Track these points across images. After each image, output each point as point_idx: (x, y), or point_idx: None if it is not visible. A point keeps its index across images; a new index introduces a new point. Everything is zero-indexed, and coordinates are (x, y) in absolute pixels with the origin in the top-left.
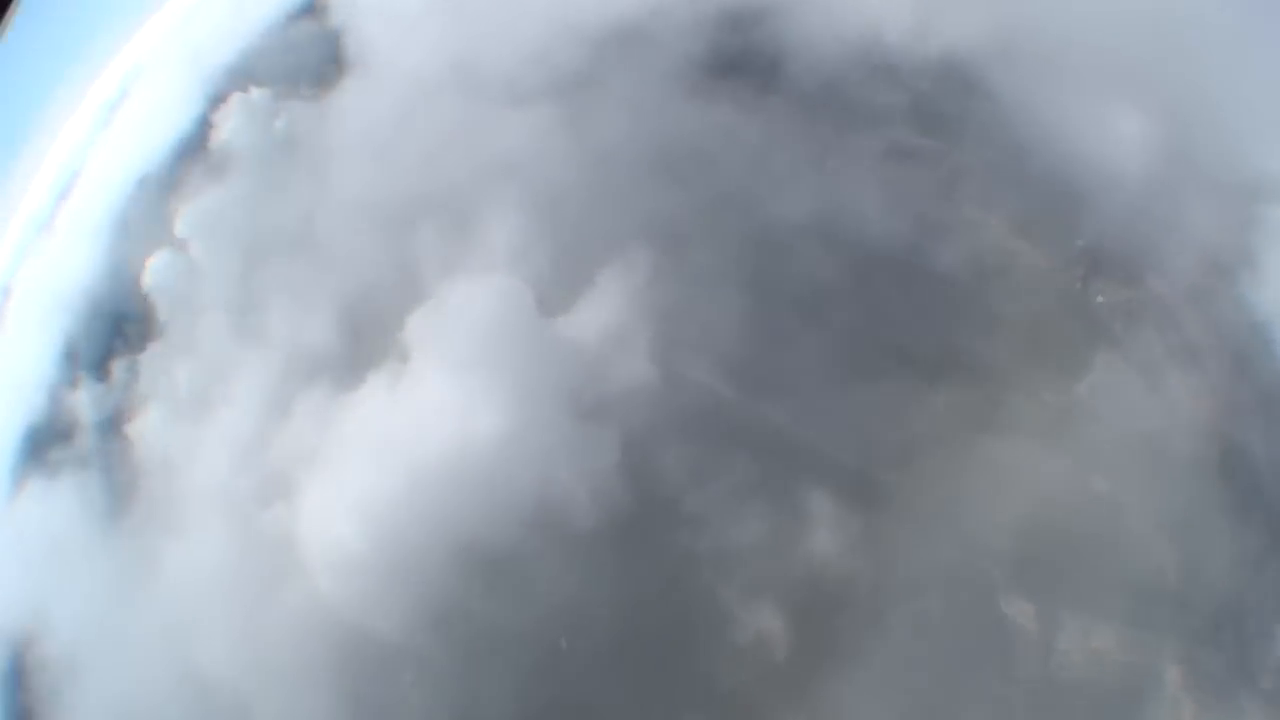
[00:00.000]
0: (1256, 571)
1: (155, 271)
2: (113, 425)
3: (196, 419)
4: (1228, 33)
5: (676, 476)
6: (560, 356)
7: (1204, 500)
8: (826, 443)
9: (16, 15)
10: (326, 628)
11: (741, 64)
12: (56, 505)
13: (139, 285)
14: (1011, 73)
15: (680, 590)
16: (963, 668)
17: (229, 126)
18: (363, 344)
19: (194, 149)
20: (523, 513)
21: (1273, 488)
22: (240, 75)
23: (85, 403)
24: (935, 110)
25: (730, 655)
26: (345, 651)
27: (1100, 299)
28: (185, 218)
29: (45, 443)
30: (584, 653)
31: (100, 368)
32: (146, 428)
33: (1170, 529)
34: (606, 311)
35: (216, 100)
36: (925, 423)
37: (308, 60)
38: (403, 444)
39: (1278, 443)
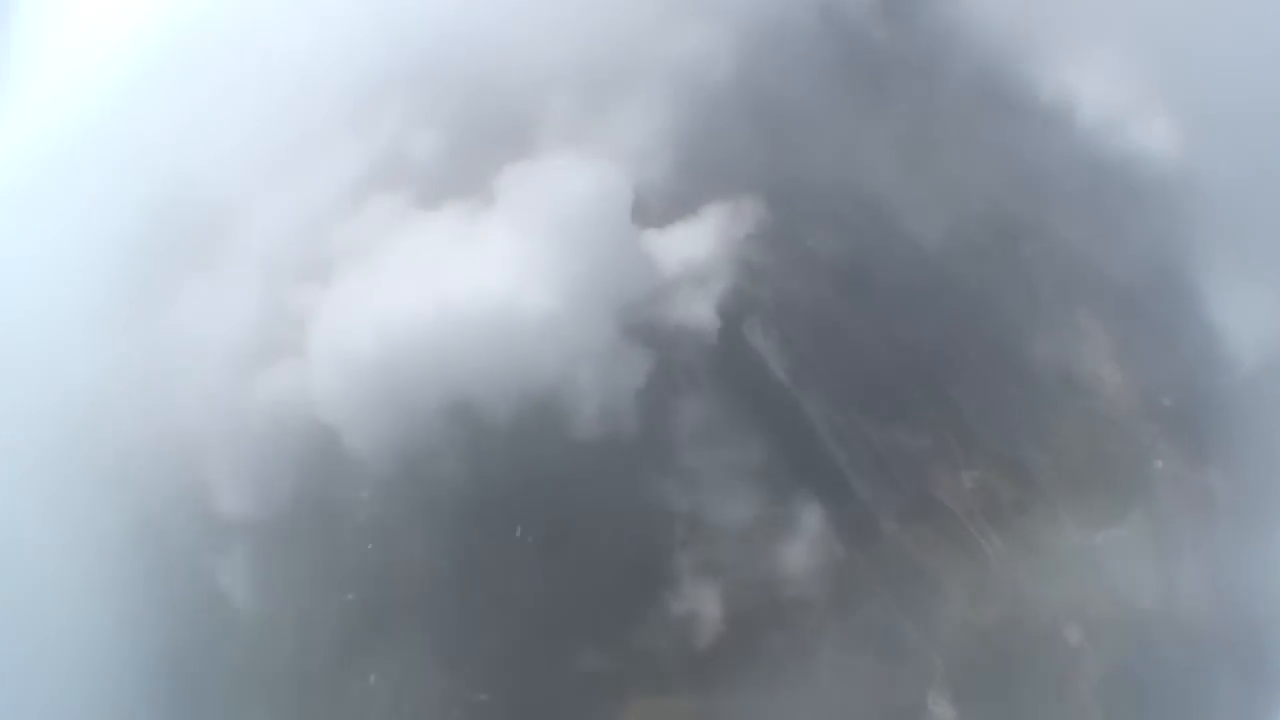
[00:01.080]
0: None
1: None
2: None
3: (270, 181)
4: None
5: (690, 428)
6: (634, 267)
7: (1141, 695)
8: (846, 464)
9: None
10: (300, 416)
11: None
12: None
13: None
14: (1176, 213)
15: (642, 535)
16: None
17: None
18: (457, 174)
19: None
20: (530, 399)
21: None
22: None
23: None
24: (1094, 210)
25: (657, 619)
26: (310, 444)
27: (1160, 464)
28: None
29: None
30: (528, 547)
31: None
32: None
33: (1114, 710)
34: (697, 246)
35: None
36: (947, 494)
37: None
38: (449, 281)
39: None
